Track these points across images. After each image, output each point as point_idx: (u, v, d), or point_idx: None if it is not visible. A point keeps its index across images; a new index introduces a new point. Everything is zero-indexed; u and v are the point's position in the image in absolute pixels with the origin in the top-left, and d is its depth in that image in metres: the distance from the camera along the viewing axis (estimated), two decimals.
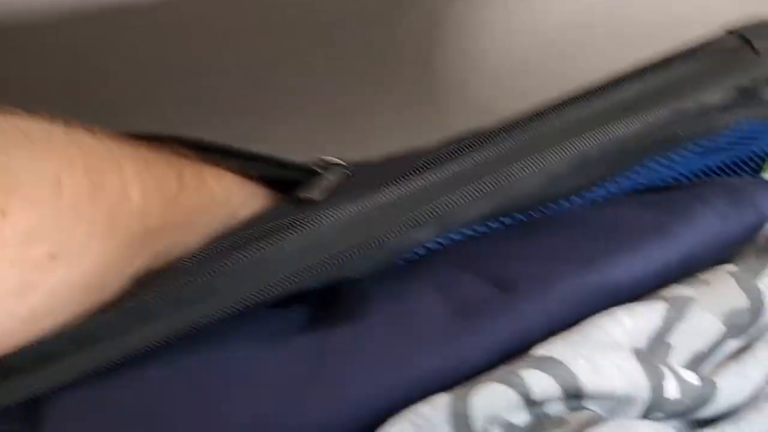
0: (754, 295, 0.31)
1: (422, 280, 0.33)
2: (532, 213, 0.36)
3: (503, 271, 0.32)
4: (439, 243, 0.34)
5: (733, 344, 0.31)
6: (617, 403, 0.27)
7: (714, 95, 0.36)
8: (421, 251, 0.34)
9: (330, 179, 0.36)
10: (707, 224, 0.33)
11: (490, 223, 0.34)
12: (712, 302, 0.30)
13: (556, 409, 0.27)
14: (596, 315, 0.29)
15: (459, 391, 0.26)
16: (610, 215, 0.35)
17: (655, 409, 0.27)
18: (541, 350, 0.27)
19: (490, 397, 0.26)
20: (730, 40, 0.37)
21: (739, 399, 0.29)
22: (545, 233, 0.34)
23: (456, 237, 0.34)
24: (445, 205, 0.31)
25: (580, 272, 0.30)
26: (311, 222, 0.30)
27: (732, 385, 0.29)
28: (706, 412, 0.28)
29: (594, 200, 0.38)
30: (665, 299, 0.30)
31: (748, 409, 0.29)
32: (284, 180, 0.38)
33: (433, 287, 0.32)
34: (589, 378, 0.26)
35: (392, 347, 0.28)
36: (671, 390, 0.27)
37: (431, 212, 0.32)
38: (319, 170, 0.37)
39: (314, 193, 0.34)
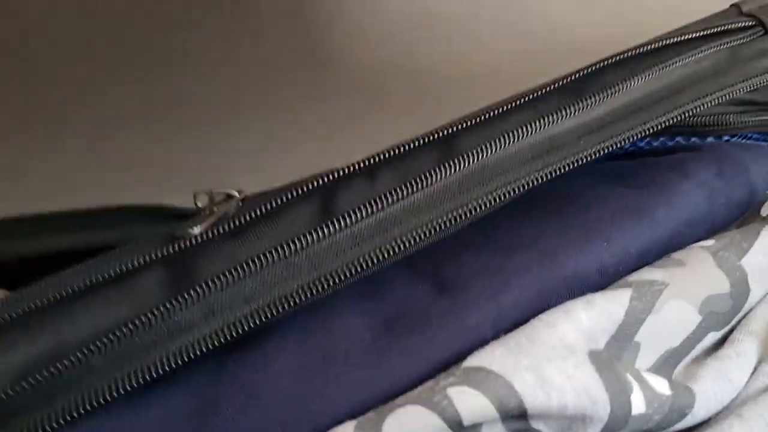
0: (737, 277, 0.25)
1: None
2: None
3: (446, 267, 0.25)
4: None
5: (713, 337, 0.26)
6: (570, 422, 0.22)
7: (739, 92, 0.29)
8: None
9: (215, 212, 0.26)
10: (693, 204, 0.27)
11: None
12: (686, 287, 0.25)
13: (494, 431, 0.22)
14: (548, 310, 0.23)
15: (368, 418, 0.20)
16: (579, 194, 0.28)
17: (617, 428, 0.22)
18: (474, 360, 0.21)
19: (408, 425, 0.20)
20: (745, 22, 0.29)
21: (719, 407, 0.24)
22: (499, 219, 0.28)
23: None
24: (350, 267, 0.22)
25: (540, 266, 0.24)
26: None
27: (712, 392, 0.23)
28: (682, 425, 0.23)
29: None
30: (630, 286, 0.24)
31: (729, 416, 0.23)
32: None
33: (354, 292, 0.25)
34: (533, 394, 0.21)
35: (298, 381, 0.22)
36: (638, 404, 0.22)
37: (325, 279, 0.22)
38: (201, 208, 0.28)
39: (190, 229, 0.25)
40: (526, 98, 0.25)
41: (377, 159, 0.24)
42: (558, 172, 0.24)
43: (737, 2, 0.30)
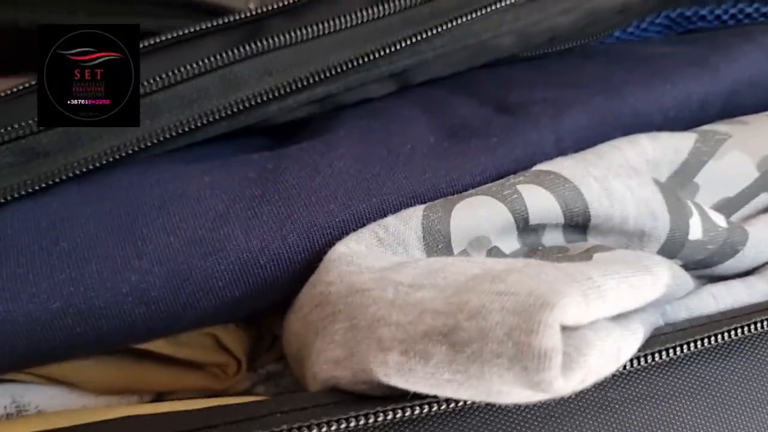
0: None
1: (406, 99, 0.27)
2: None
3: (508, 95, 0.26)
4: None
5: (765, 199, 0.26)
6: (627, 241, 0.22)
7: None
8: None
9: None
10: (754, 64, 0.27)
11: None
12: (748, 142, 0.25)
13: (553, 239, 0.22)
14: (615, 139, 0.24)
15: (438, 204, 0.21)
16: (642, 48, 0.29)
17: (673, 252, 0.22)
18: (544, 165, 0.22)
19: (476, 214, 0.21)
20: None
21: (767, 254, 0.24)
22: (561, 63, 0.29)
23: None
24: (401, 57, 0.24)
25: (602, 98, 0.25)
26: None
27: (763, 235, 0.24)
28: (732, 264, 0.23)
29: (621, 38, 0.32)
30: (695, 132, 0.25)
31: None
32: None
33: (419, 107, 0.26)
34: (598, 201, 0.21)
35: (361, 163, 0.23)
36: (696, 229, 0.22)
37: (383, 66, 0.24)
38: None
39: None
40: None
41: None
42: None
43: None
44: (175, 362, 0.25)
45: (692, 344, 0.19)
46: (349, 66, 0.23)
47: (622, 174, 0.22)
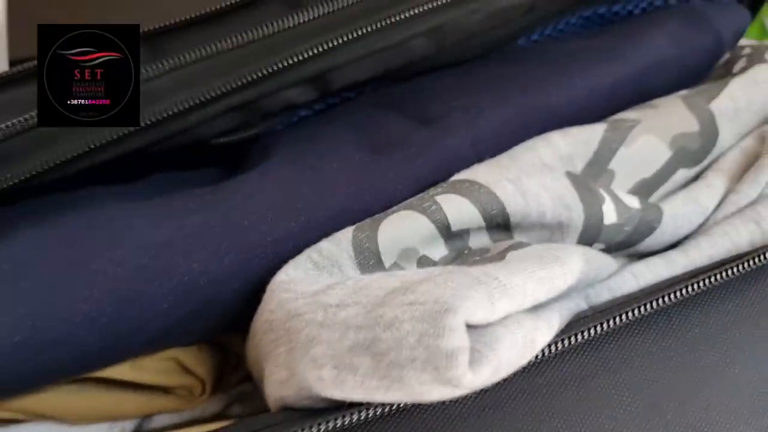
0: (706, 119, 0.27)
1: (334, 122, 0.29)
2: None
3: (428, 107, 0.28)
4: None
5: (684, 174, 0.28)
6: (550, 233, 0.24)
7: None
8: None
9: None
10: (658, 46, 0.29)
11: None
12: (657, 125, 0.27)
13: (480, 241, 0.24)
14: (529, 139, 0.25)
15: (365, 224, 0.23)
16: (556, 46, 0.31)
17: (592, 237, 0.24)
18: (460, 175, 0.24)
19: (401, 228, 0.23)
20: None
21: (688, 228, 0.26)
22: (479, 69, 0.30)
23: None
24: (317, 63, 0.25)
25: (514, 98, 0.27)
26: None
27: (681, 211, 0.25)
28: (652, 242, 0.25)
29: (539, 40, 0.34)
30: (605, 122, 0.26)
31: (697, 235, 0.26)
32: None
33: (346, 126, 0.28)
34: (513, 200, 0.23)
35: (291, 189, 0.24)
36: (610, 214, 0.24)
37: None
38: None
39: None
40: None
41: None
42: None
43: None
44: (144, 387, 0.27)
45: (610, 322, 0.21)
46: (257, 76, 0.23)
47: (535, 173, 0.24)
